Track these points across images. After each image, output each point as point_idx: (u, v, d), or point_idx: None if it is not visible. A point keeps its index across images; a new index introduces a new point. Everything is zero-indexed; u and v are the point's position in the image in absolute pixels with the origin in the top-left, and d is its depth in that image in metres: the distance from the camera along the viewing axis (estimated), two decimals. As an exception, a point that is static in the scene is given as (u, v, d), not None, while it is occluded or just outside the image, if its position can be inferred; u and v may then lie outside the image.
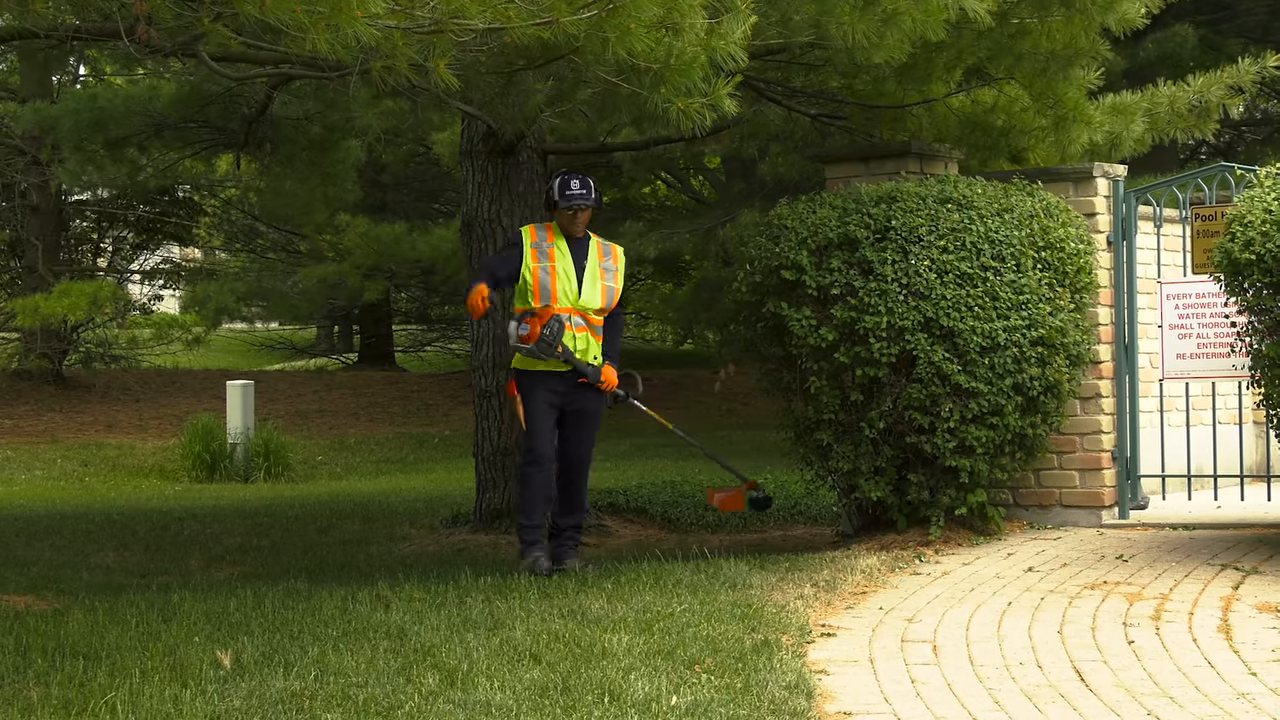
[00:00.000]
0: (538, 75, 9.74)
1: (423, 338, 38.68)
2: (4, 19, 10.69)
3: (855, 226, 10.29)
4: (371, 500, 16.94)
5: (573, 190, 10.12)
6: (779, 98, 12.18)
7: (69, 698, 6.37)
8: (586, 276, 10.10)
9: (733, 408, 28.38)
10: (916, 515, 10.44)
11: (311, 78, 12.15)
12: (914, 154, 11.25)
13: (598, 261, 10.16)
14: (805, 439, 10.69)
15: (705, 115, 8.03)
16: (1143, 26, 11.35)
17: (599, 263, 10.16)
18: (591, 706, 6.33)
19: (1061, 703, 6.61)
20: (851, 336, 10.23)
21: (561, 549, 10.24)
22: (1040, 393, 10.33)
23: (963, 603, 8.54)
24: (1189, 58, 21.50)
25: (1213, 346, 10.80)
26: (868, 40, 9.07)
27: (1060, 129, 11.44)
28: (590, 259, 10.14)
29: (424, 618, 7.99)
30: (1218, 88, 12.72)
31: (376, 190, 30.41)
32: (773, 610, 8.20)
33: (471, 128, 13.60)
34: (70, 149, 16.97)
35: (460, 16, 7.39)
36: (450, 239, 23.07)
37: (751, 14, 7.97)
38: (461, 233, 14.03)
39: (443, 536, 13.80)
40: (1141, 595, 8.54)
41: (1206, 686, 6.80)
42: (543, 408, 10.06)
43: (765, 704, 6.45)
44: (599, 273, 10.14)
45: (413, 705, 6.33)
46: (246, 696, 6.40)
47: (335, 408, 28.84)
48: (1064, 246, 10.52)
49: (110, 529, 14.56)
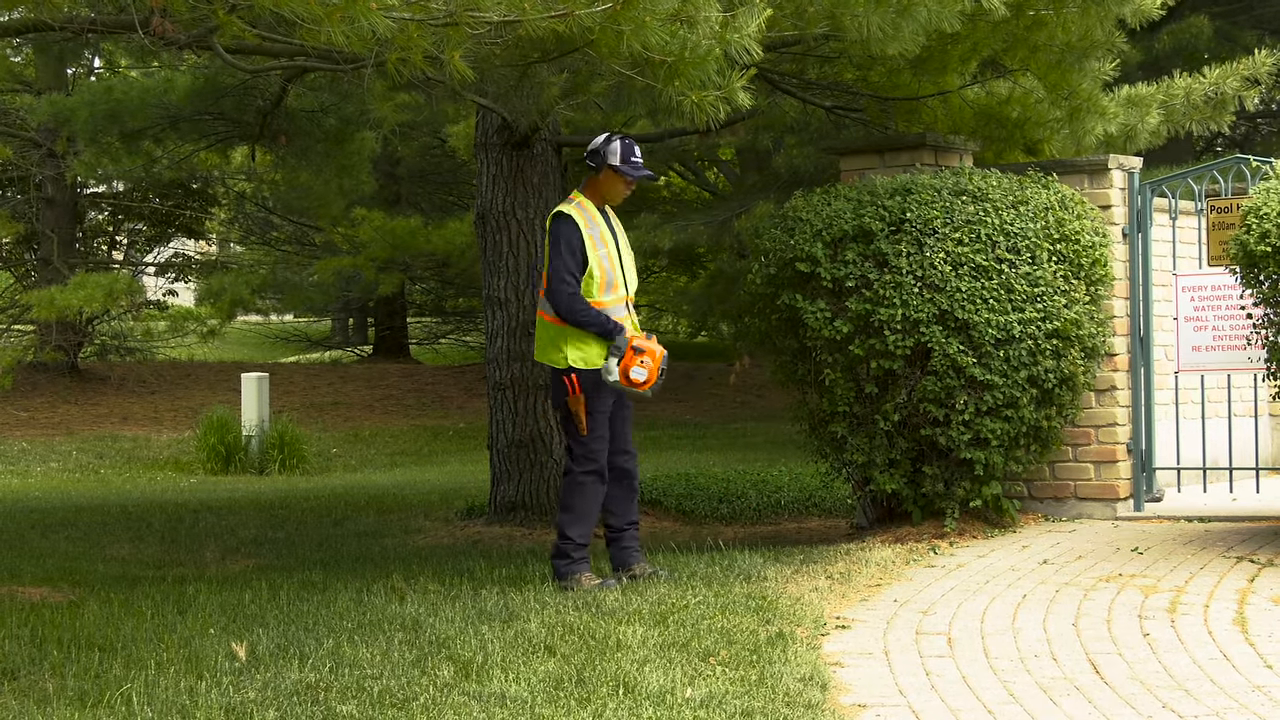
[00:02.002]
0: (552, 68, 9.75)
1: (437, 330, 38.72)
2: (20, 11, 10.71)
3: (870, 219, 10.28)
4: (386, 492, 16.96)
5: (638, 159, 9.13)
6: (794, 90, 12.17)
7: (85, 689, 6.39)
8: (625, 257, 9.20)
9: (747, 400, 28.39)
10: (931, 508, 10.43)
11: (326, 70, 12.17)
12: (929, 146, 11.23)
13: (624, 237, 9.27)
14: (820, 431, 10.68)
15: (720, 108, 8.03)
16: (1158, 18, 11.33)
17: (624, 237, 9.28)
18: (606, 699, 6.33)
19: (1076, 695, 6.60)
20: (866, 329, 10.22)
21: (628, 552, 9.22)
22: (1055, 385, 10.32)
23: (977, 595, 8.53)
24: (1205, 49, 21.46)
25: (1228, 339, 10.78)
26: (882, 32, 9.06)
27: (1075, 121, 11.41)
28: (620, 235, 9.23)
29: (439, 610, 8.00)
30: (1233, 79, 12.69)
31: (391, 183, 30.44)
32: (787, 602, 8.20)
33: (486, 120, 13.61)
34: (85, 141, 17.02)
35: (475, 9, 7.40)
36: (465, 232, 23.07)
37: (766, 6, 7.97)
38: (476, 225, 14.04)
39: (457, 529, 13.82)
40: (1157, 588, 8.53)
41: (1222, 679, 6.79)
42: (606, 409, 9.05)
43: (780, 696, 6.45)
44: (628, 250, 9.28)
45: (427, 697, 6.34)
46: (262, 688, 6.41)
47: (350, 400, 28.87)
48: (1079, 239, 10.51)
49: (125, 521, 14.59)
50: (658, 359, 8.88)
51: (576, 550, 9.00)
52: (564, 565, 9.01)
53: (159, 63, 20.57)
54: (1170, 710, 6.35)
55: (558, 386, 9.08)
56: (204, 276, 31.87)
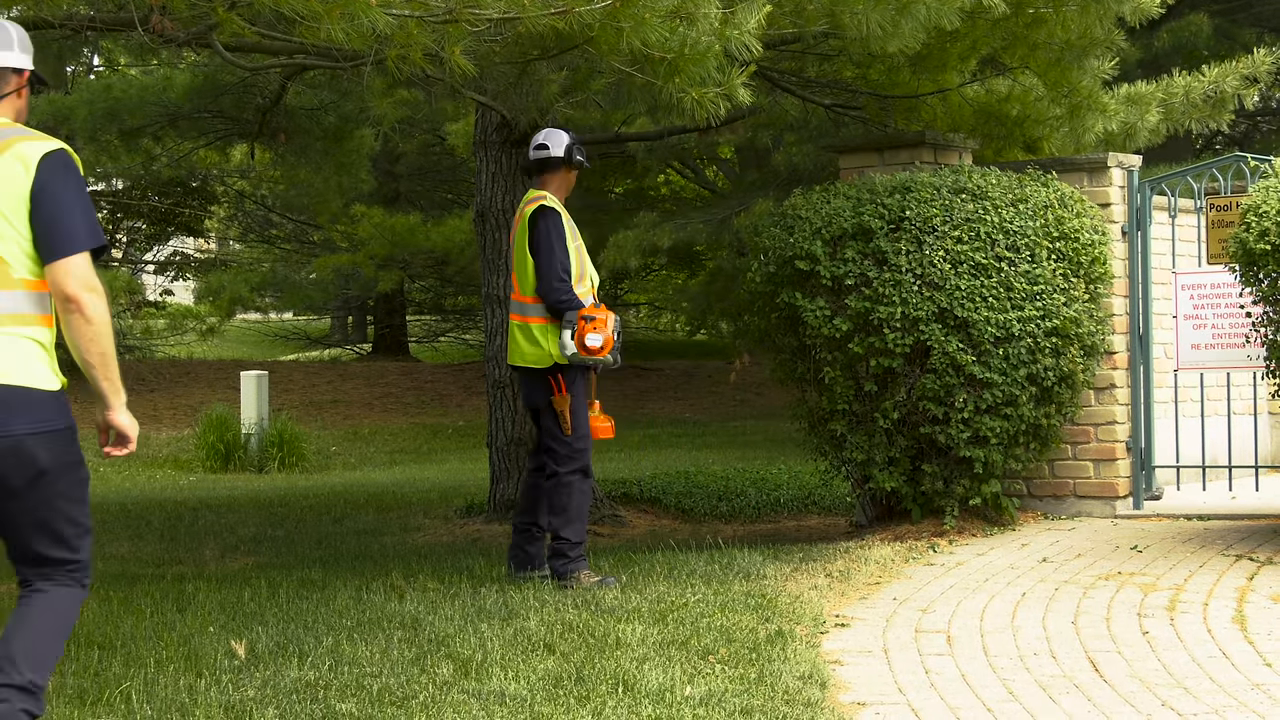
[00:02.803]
0: (551, 65, 9.75)
1: (437, 328, 38.70)
2: (20, 9, 10.70)
3: (870, 217, 10.27)
4: (385, 490, 16.95)
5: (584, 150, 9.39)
6: (793, 88, 12.17)
7: (84, 687, 6.39)
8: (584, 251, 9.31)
9: (746, 398, 28.38)
10: (930, 506, 10.43)
11: (326, 67, 12.16)
12: (928, 144, 11.23)
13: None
14: (819, 429, 10.68)
15: (719, 105, 8.03)
16: (1158, 16, 11.33)
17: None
18: (605, 697, 6.33)
19: (1076, 693, 6.60)
20: (866, 327, 10.22)
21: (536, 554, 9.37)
22: (1054, 383, 10.32)
23: (977, 593, 8.53)
24: (1204, 47, 21.47)
25: (1228, 337, 10.78)
26: (882, 29, 9.05)
27: (1075, 119, 11.42)
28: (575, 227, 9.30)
29: (438, 608, 8.00)
30: (1233, 78, 12.69)
31: (391, 180, 30.43)
32: (787, 600, 8.20)
33: (485, 118, 13.60)
34: (85, 139, 17.01)
35: (475, 6, 7.40)
36: (464, 229, 23.08)
37: (765, 3, 7.97)
38: (475, 223, 14.04)
39: (457, 527, 13.81)
40: (1156, 586, 8.53)
41: (1221, 677, 6.79)
42: (583, 405, 9.13)
43: (779, 694, 6.45)
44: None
45: (427, 695, 6.33)
46: (261, 686, 6.41)
47: (349, 398, 28.87)
48: (1078, 237, 10.51)
49: (125, 519, 14.59)
50: (608, 322, 8.86)
51: (573, 549, 9.00)
52: (562, 565, 9.00)
53: (158, 60, 20.59)
54: (1169, 708, 6.35)
55: (539, 388, 9.06)
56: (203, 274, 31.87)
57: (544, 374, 9.00)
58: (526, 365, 9.07)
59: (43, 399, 5.19)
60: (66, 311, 5.15)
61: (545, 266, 8.95)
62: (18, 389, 5.13)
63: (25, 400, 5.14)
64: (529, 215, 9.09)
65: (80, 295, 5.11)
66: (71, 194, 5.17)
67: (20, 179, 5.14)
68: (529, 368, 9.07)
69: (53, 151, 5.19)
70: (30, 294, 5.16)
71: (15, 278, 5.13)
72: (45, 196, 5.13)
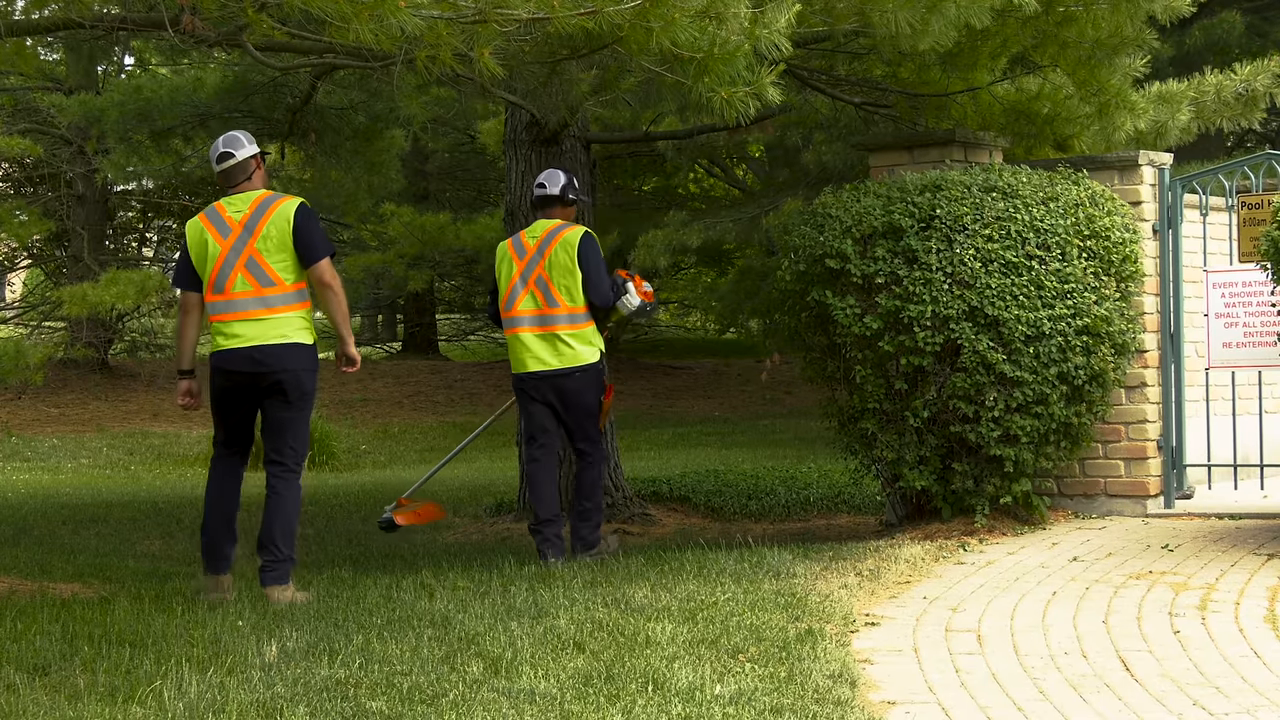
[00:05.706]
0: (581, 65, 9.77)
1: (466, 327, 38.77)
2: (51, 9, 10.76)
3: (900, 215, 10.26)
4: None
5: None
6: (823, 86, 12.16)
7: (115, 685, 6.41)
8: None
9: (777, 396, 28.37)
10: (961, 504, 10.41)
11: (356, 67, 12.20)
12: (958, 142, 11.21)
13: None
14: (849, 428, 10.67)
15: (749, 104, 8.03)
16: (1189, 14, 11.31)
17: None
18: (635, 695, 6.33)
19: (1106, 692, 6.58)
20: (896, 325, 10.21)
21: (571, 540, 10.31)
22: (1085, 382, 10.30)
23: (1007, 592, 8.52)
24: (1236, 45, 21.38)
25: (1259, 335, 10.75)
26: (911, 28, 9.05)
27: (1105, 117, 11.39)
28: None
29: (468, 606, 8.01)
30: (1265, 76, 12.66)
31: (420, 179, 30.49)
32: (816, 599, 8.19)
33: (515, 117, 13.62)
34: (116, 140, 17.08)
35: (504, 6, 7.41)
36: (494, 228, 23.09)
37: (795, 2, 7.96)
38: (505, 222, 14.06)
39: (486, 525, 13.84)
40: (1187, 585, 8.50)
41: (1253, 676, 6.77)
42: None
43: (809, 693, 6.45)
44: None
45: (457, 694, 6.34)
46: (291, 684, 6.43)
47: (379, 397, 28.93)
48: (1109, 235, 10.48)
49: (156, 517, 14.64)
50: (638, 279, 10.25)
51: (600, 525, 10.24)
52: (597, 541, 10.13)
53: (189, 61, 20.65)
54: (1201, 708, 6.33)
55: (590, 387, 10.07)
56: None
57: (596, 373, 10.01)
58: (580, 365, 10.00)
59: (305, 349, 8.60)
60: (322, 292, 8.54)
61: (597, 281, 9.97)
62: (292, 344, 8.54)
63: (295, 350, 8.55)
64: (581, 236, 9.99)
65: (331, 282, 8.54)
66: (314, 224, 8.52)
67: (285, 226, 8.48)
68: (576, 368, 10.00)
69: (301, 203, 8.53)
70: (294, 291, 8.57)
71: (289, 283, 8.53)
72: (302, 232, 8.47)
